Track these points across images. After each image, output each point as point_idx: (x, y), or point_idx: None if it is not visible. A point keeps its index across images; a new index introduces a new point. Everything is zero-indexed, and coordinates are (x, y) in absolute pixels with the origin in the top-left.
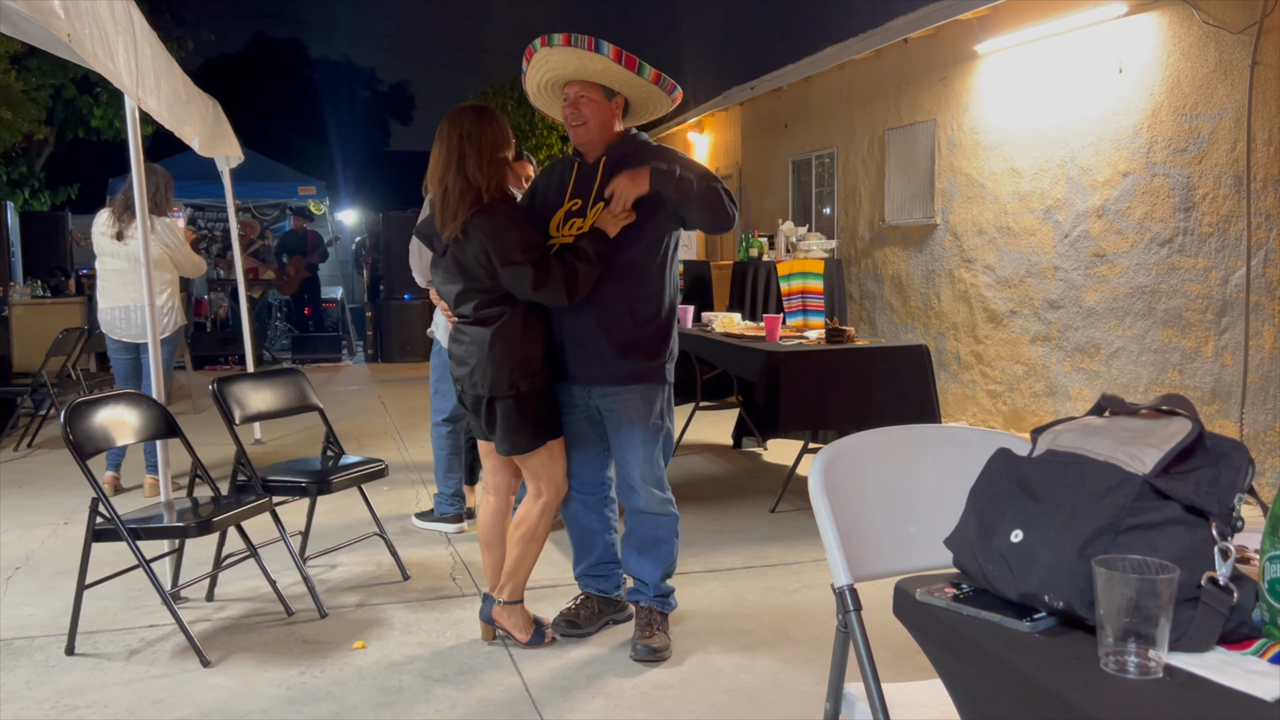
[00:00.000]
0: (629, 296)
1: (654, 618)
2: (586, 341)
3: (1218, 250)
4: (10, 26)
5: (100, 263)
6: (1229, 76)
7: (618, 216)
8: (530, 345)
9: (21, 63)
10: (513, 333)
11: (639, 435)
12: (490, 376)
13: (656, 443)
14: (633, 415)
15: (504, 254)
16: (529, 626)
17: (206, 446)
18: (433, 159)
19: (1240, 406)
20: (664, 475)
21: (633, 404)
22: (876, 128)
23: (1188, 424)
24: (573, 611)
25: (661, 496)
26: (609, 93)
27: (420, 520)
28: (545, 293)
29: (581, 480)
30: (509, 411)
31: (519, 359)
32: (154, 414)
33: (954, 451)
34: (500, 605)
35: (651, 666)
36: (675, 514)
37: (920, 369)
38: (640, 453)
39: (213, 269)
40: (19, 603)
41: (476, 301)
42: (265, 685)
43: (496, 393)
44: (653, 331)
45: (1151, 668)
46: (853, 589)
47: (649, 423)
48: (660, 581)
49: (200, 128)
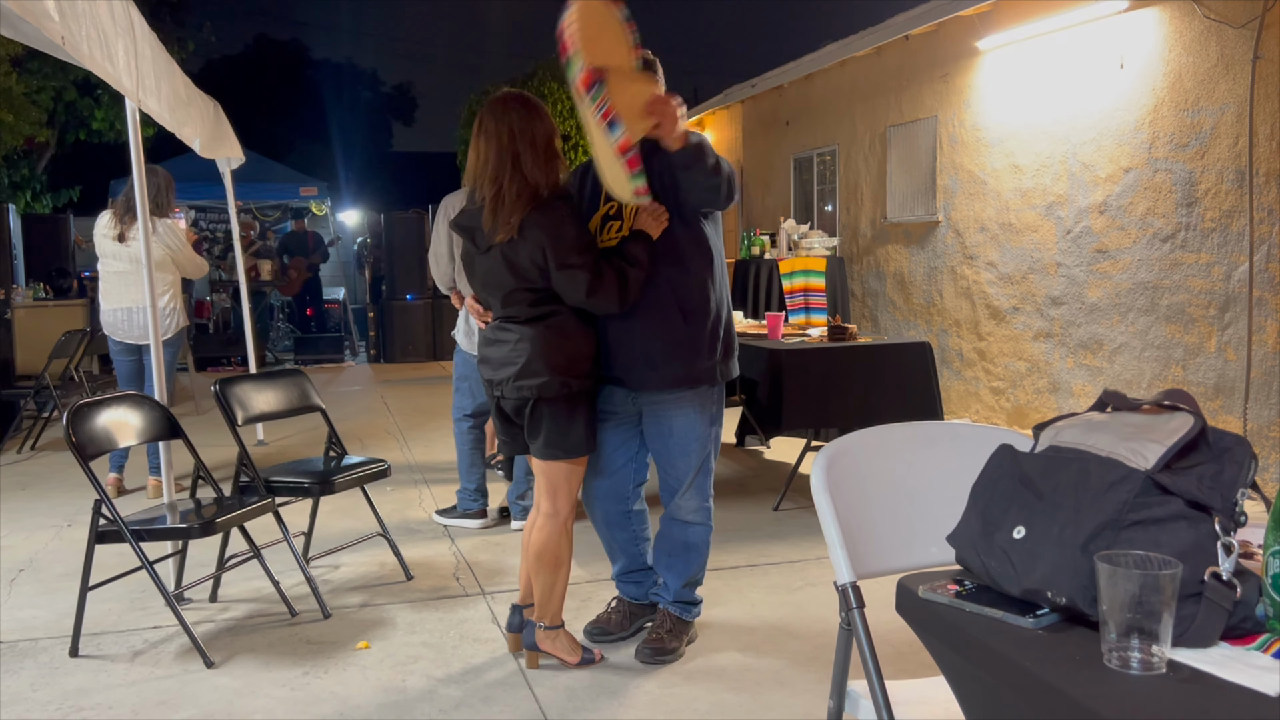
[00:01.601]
0: (677, 294)
1: (670, 622)
2: (634, 344)
3: (1220, 245)
4: (10, 29)
5: (102, 265)
6: (1231, 71)
7: (656, 215)
8: (583, 344)
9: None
10: (565, 331)
11: (688, 442)
12: (543, 376)
13: (707, 449)
14: (683, 421)
15: (560, 256)
16: (575, 648)
17: (209, 448)
18: (480, 154)
19: (1244, 402)
20: (709, 483)
21: (683, 409)
22: (878, 124)
23: (1190, 419)
24: (604, 618)
25: (702, 505)
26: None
27: (442, 517)
28: (598, 299)
29: (606, 491)
30: (559, 413)
31: (572, 357)
32: (156, 415)
33: (956, 448)
34: (543, 631)
35: (655, 667)
36: (710, 525)
37: (923, 366)
38: (688, 460)
39: (214, 270)
40: (23, 605)
41: (529, 300)
42: (269, 686)
43: (546, 393)
44: (705, 328)
45: (1155, 663)
46: (855, 586)
47: (699, 429)
48: (682, 588)
49: (201, 129)
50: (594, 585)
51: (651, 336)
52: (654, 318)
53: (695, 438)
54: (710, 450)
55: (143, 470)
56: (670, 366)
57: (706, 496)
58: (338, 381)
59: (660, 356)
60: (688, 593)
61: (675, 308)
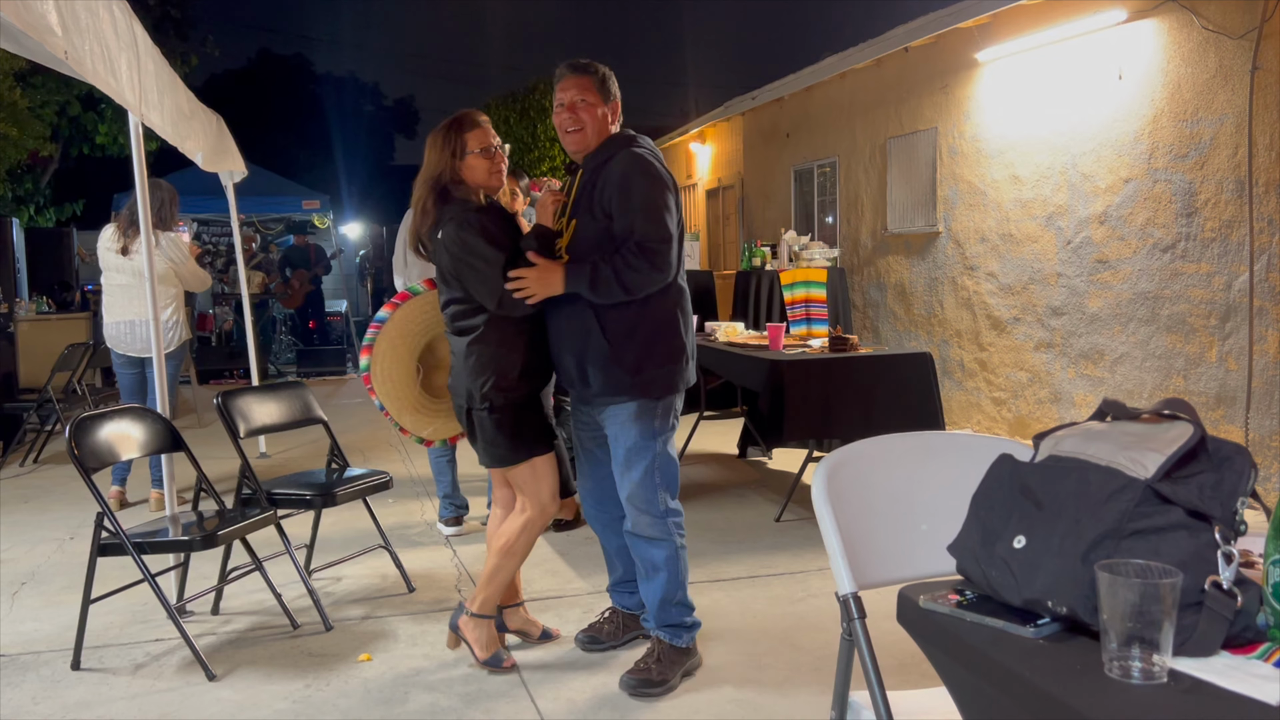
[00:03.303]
0: (596, 309)
1: (660, 649)
2: (568, 361)
3: (1221, 255)
4: (14, 44)
5: (105, 278)
6: (1229, 82)
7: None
8: (509, 358)
9: (27, 80)
10: (489, 344)
11: (630, 455)
12: (465, 387)
13: (645, 462)
14: (622, 433)
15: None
16: (490, 645)
17: (212, 460)
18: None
19: (1245, 411)
20: (658, 497)
21: (620, 421)
22: (878, 136)
23: (1189, 428)
24: (597, 626)
25: (652, 520)
26: (606, 95)
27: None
28: (506, 305)
29: (597, 498)
30: (485, 424)
31: (493, 371)
32: (159, 428)
33: (957, 458)
34: (468, 617)
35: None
36: (673, 541)
37: (924, 377)
38: (628, 474)
39: (217, 283)
40: (25, 618)
41: (454, 311)
42: (271, 698)
43: (472, 404)
44: (632, 338)
45: (1156, 673)
46: (857, 597)
47: (639, 442)
48: (660, 609)
49: (203, 142)
50: (594, 597)
51: (579, 352)
52: (573, 329)
53: (636, 451)
54: (656, 465)
55: (145, 483)
56: (597, 379)
57: (661, 513)
58: (340, 394)
59: (584, 369)
60: (672, 614)
61: (596, 324)
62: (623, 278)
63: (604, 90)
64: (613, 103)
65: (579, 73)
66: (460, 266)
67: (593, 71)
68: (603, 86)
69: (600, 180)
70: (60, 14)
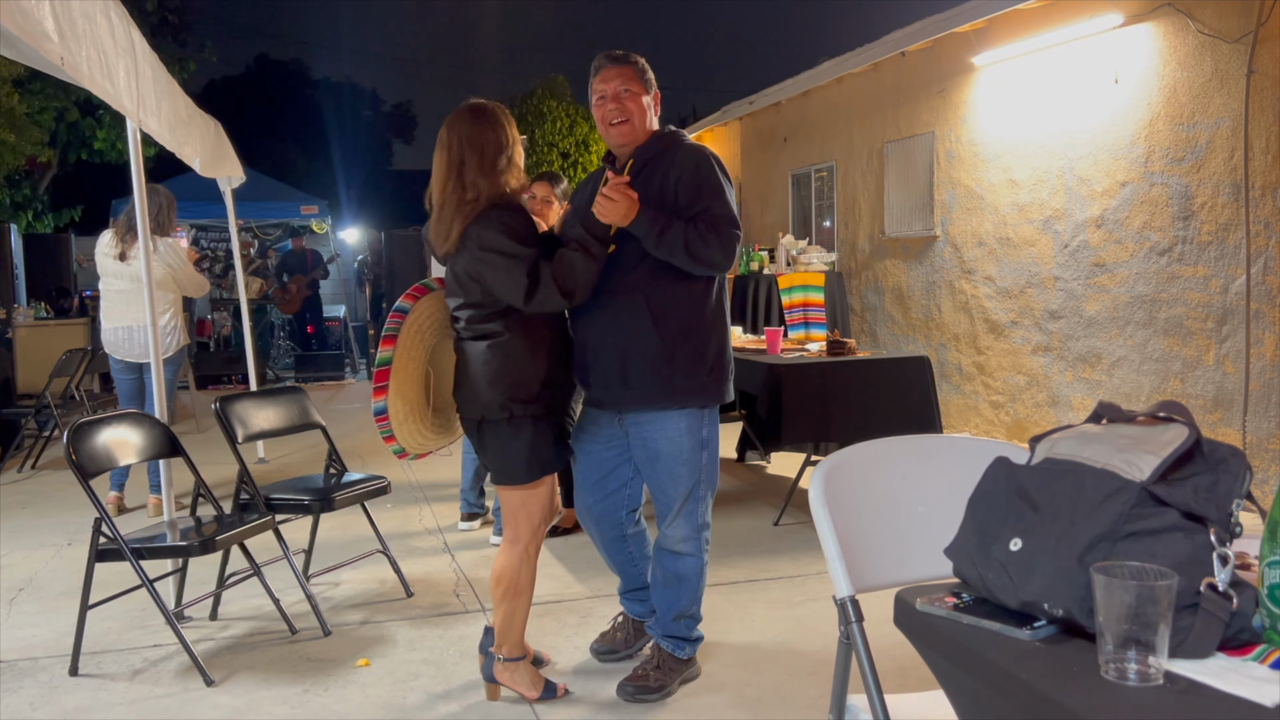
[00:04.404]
0: (651, 304)
1: (660, 657)
2: (608, 361)
3: (1217, 258)
4: (10, 49)
5: (103, 283)
6: (1225, 85)
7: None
8: (529, 366)
9: (24, 86)
10: (510, 351)
11: (674, 467)
12: (483, 397)
13: (695, 476)
14: (668, 445)
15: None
16: (537, 683)
17: (210, 465)
18: (435, 165)
19: (1242, 414)
20: (701, 511)
21: (668, 430)
22: (875, 140)
23: (1184, 430)
24: (610, 635)
25: (691, 535)
26: (647, 85)
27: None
28: (539, 296)
29: (597, 516)
30: (502, 437)
31: (515, 379)
32: (157, 434)
33: (953, 461)
34: (502, 663)
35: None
36: (701, 556)
37: (922, 380)
38: (676, 486)
39: (215, 289)
40: (23, 624)
41: (471, 316)
42: (269, 704)
43: (489, 414)
44: (687, 344)
45: (1152, 675)
46: (854, 600)
47: (686, 453)
48: (672, 620)
49: (201, 148)
50: (593, 601)
51: (626, 351)
52: (627, 329)
53: (682, 462)
54: (700, 477)
55: (143, 488)
56: (647, 384)
57: (698, 526)
58: (338, 399)
59: (636, 373)
60: (680, 626)
61: (649, 319)
62: (690, 241)
63: (644, 80)
64: (654, 92)
65: (619, 63)
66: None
67: (632, 61)
68: (644, 76)
69: (662, 169)
70: (57, 20)
